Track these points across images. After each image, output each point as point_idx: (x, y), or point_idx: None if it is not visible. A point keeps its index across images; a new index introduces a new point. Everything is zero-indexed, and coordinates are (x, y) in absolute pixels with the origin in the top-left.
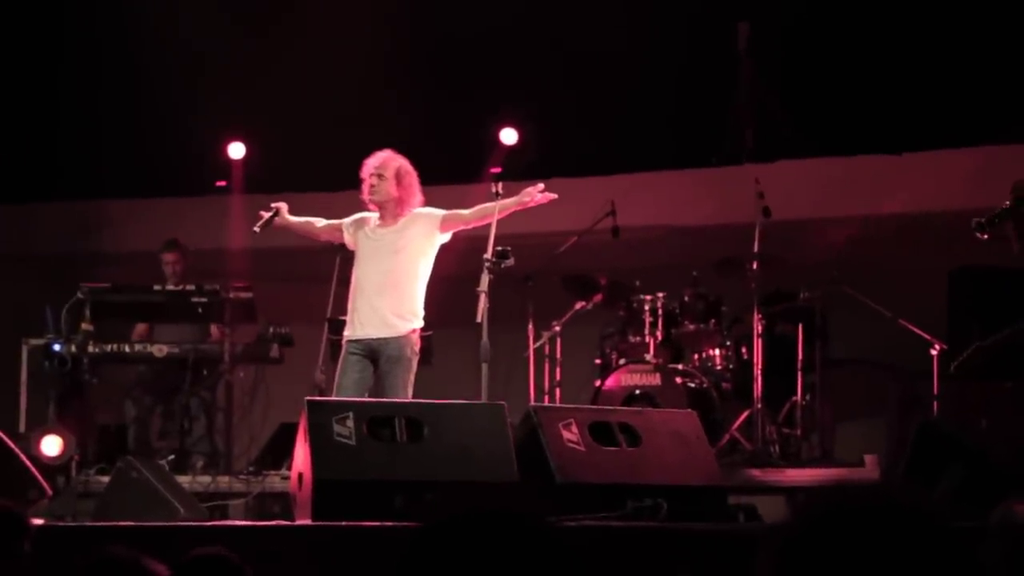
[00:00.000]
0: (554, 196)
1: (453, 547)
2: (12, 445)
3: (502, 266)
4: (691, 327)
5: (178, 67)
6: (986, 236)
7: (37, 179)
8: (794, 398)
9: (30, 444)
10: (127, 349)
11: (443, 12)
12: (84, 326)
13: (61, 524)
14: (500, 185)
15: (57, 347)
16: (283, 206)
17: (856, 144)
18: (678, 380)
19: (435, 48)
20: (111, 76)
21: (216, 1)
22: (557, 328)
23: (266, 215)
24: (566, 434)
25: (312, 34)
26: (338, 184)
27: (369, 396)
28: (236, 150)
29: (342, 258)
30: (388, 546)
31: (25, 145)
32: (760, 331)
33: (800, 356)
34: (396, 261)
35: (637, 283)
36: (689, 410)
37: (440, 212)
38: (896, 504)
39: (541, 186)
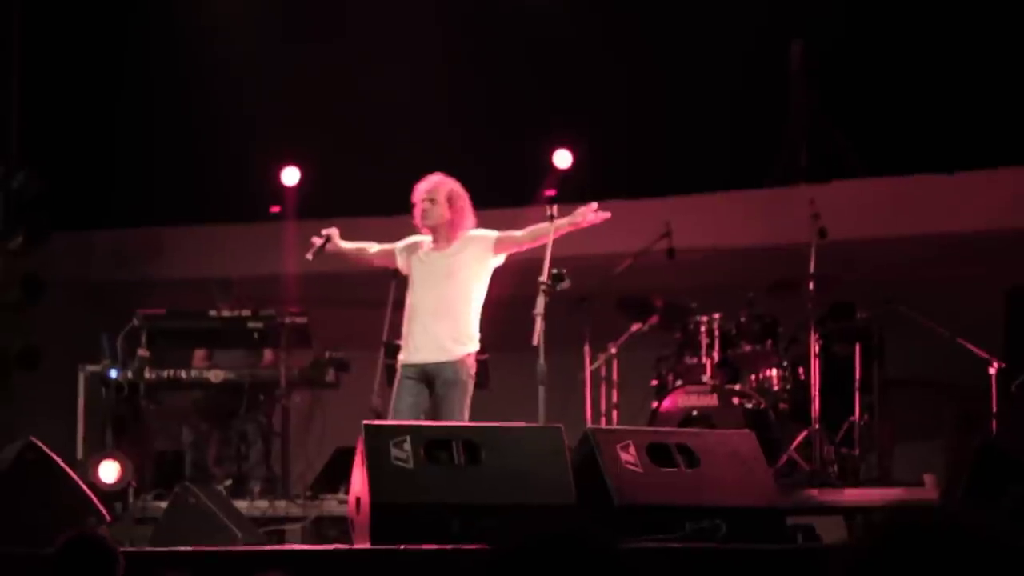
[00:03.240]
0: (607, 215)
1: (529, 570)
2: (70, 471)
3: (558, 288)
4: (747, 348)
5: (231, 93)
6: None
7: (93, 206)
8: (852, 418)
9: (88, 470)
10: (183, 375)
11: (496, 34)
12: (140, 352)
13: (120, 550)
14: (555, 208)
15: (113, 374)
16: (334, 232)
17: (910, 164)
18: (735, 401)
19: (488, 70)
20: (165, 103)
21: (269, 27)
22: (613, 350)
23: (318, 242)
24: (624, 456)
25: (365, 58)
26: (391, 209)
27: (426, 420)
28: (290, 176)
29: (396, 283)
30: (446, 569)
31: (81, 172)
32: (817, 351)
33: (857, 376)
34: (450, 285)
35: (693, 304)
36: (746, 431)
37: (493, 234)
38: (960, 525)
39: (595, 205)
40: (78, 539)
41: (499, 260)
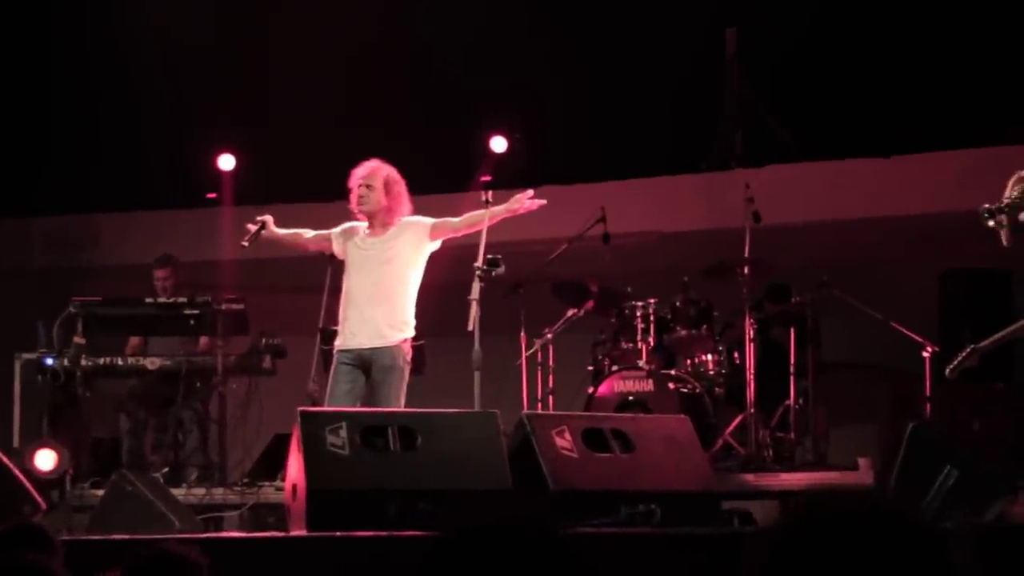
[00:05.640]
0: (543, 202)
1: (471, 558)
2: (6, 459)
3: (493, 274)
4: (683, 333)
5: (168, 79)
6: (992, 224)
7: (27, 193)
8: (787, 402)
9: (24, 458)
10: (119, 362)
11: (430, 20)
12: (76, 340)
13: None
14: (490, 193)
15: (49, 361)
16: (269, 219)
17: (845, 148)
18: (671, 386)
19: (423, 56)
20: (101, 88)
21: (204, 13)
22: (549, 335)
23: (253, 228)
24: (559, 441)
25: (300, 45)
26: (327, 195)
27: (362, 406)
28: (226, 162)
29: (333, 268)
30: (383, 555)
31: (16, 159)
32: (752, 336)
33: (792, 360)
34: (386, 271)
35: (628, 289)
36: (682, 415)
37: (429, 220)
38: (881, 508)
39: (531, 192)
40: (14, 528)
41: (435, 246)
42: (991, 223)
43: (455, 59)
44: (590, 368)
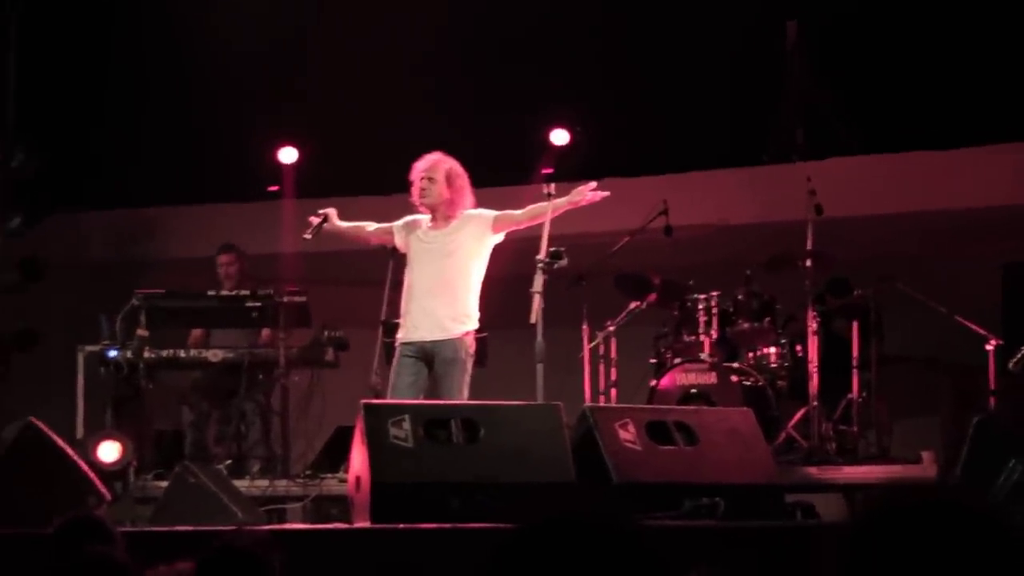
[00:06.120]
0: (606, 194)
1: (547, 551)
2: (71, 452)
3: (555, 266)
4: (745, 325)
5: (229, 72)
6: None
7: (90, 187)
8: (850, 395)
9: (88, 450)
10: (182, 355)
11: (492, 12)
12: (139, 332)
13: (120, 530)
14: (552, 186)
15: (112, 353)
16: (332, 212)
17: (906, 141)
18: (733, 378)
19: (485, 49)
20: (163, 81)
21: (266, 6)
22: (611, 328)
23: (315, 221)
24: (622, 434)
25: (362, 37)
26: (389, 187)
27: (425, 398)
28: (287, 155)
29: (395, 261)
30: (445, 547)
31: (79, 152)
32: (815, 329)
33: (855, 353)
34: (449, 263)
35: (691, 282)
36: (745, 408)
37: (492, 213)
38: (956, 503)
39: (593, 184)
40: (75, 520)
41: (497, 239)
42: None
43: (516, 51)
44: (652, 361)
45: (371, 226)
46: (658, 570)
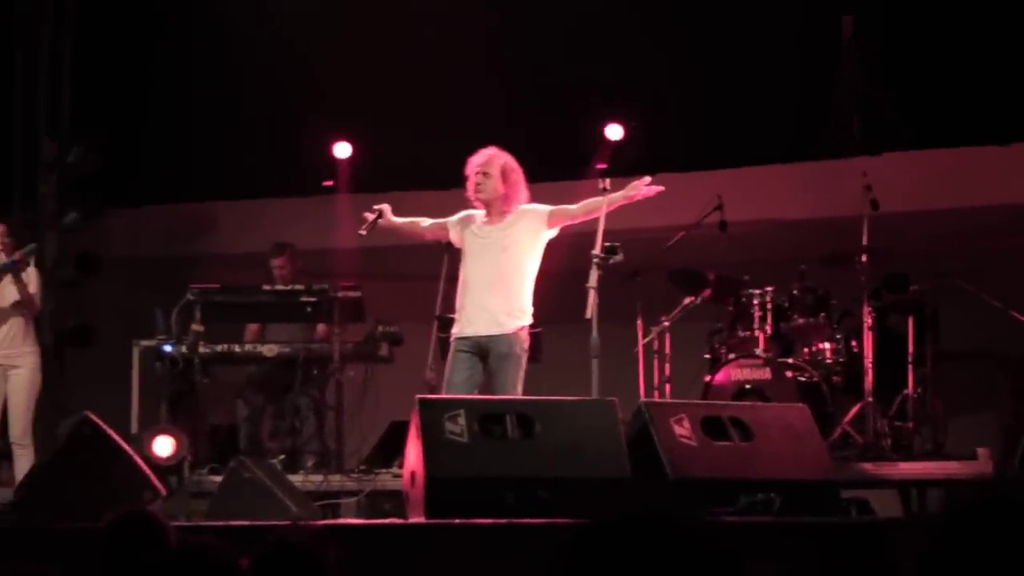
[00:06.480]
0: (661, 188)
1: (618, 547)
2: (126, 446)
3: (611, 261)
4: (800, 321)
5: (284, 67)
6: None
7: (146, 182)
8: (905, 391)
9: (143, 445)
10: (237, 349)
11: (548, 6)
12: (194, 327)
13: (176, 524)
14: (607, 181)
15: (168, 348)
16: (386, 207)
17: (962, 135)
18: (788, 374)
19: (540, 44)
20: (217, 78)
21: (320, 1)
22: (666, 323)
23: (370, 217)
24: (678, 429)
25: (416, 32)
26: (444, 182)
27: (479, 393)
28: (342, 150)
29: (449, 256)
30: (501, 543)
31: (134, 148)
32: (870, 324)
33: (911, 349)
34: (503, 258)
35: (745, 277)
36: (800, 404)
37: (547, 208)
38: None
39: (648, 179)
40: (126, 516)
41: (552, 233)
42: None
43: (571, 46)
44: (707, 356)
45: (426, 221)
46: (728, 566)
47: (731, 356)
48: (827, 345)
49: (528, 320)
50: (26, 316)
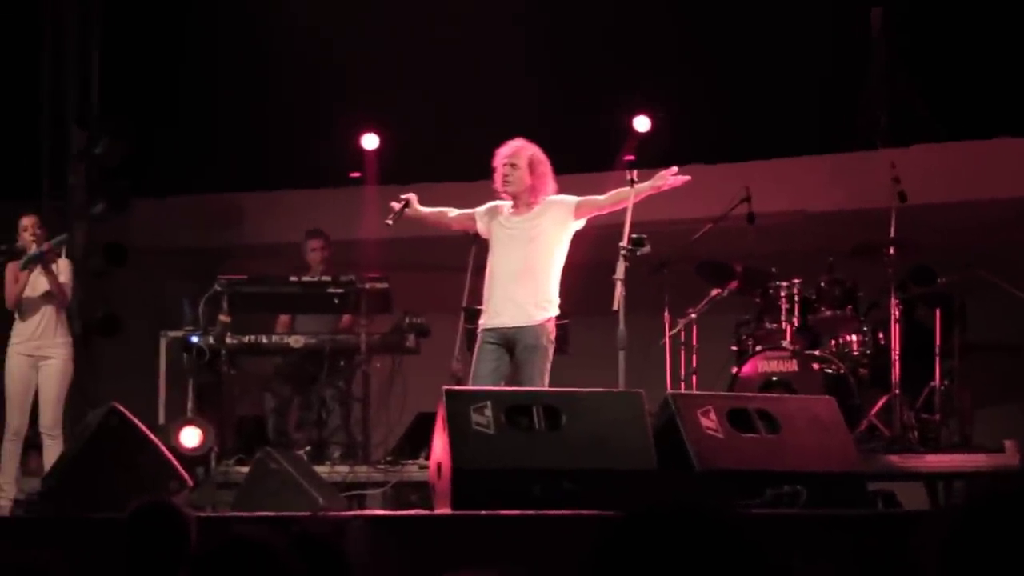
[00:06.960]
0: (688, 178)
1: (651, 540)
2: (153, 437)
3: (638, 253)
4: (828, 313)
5: (312, 58)
6: None
7: (174, 173)
8: (932, 383)
9: (170, 435)
10: (264, 340)
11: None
12: (222, 318)
13: (202, 515)
14: (635, 172)
15: (195, 339)
16: (413, 197)
17: (991, 127)
18: (815, 366)
19: (568, 35)
20: (245, 68)
21: None
22: (693, 315)
23: (397, 207)
24: (704, 421)
25: (444, 23)
26: (471, 174)
27: (506, 385)
28: (370, 141)
29: (477, 247)
30: (527, 534)
31: (161, 138)
32: (897, 316)
33: (938, 341)
34: (531, 249)
35: (773, 269)
36: (827, 396)
37: (574, 199)
38: None
39: (675, 169)
40: (148, 506)
41: (579, 224)
42: None
43: (599, 38)
44: (734, 348)
45: (453, 212)
46: (758, 559)
47: (758, 348)
48: (854, 337)
49: (555, 311)
50: (57, 307)
